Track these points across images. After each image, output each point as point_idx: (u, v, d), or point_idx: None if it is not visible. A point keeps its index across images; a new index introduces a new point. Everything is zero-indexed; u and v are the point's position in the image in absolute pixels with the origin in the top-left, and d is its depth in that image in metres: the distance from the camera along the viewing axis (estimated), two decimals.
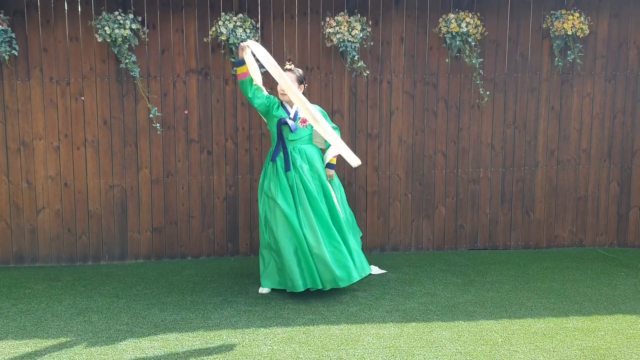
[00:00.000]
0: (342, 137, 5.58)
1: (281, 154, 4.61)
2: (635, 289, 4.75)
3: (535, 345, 3.72)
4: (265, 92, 4.63)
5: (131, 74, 5.24)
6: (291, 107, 4.65)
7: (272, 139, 4.70)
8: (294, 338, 3.84)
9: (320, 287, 4.50)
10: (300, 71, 4.71)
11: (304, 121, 4.61)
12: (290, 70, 4.60)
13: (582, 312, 4.27)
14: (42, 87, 5.32)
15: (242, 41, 5.00)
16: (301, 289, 4.48)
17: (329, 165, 4.80)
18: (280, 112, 4.62)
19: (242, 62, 4.46)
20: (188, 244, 5.64)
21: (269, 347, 3.71)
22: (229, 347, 3.70)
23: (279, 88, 4.57)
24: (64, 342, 3.81)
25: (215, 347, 3.70)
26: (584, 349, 3.68)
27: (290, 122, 4.58)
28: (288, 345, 3.74)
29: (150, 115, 5.37)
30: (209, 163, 5.57)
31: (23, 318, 4.22)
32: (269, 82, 5.14)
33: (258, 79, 4.63)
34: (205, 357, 3.57)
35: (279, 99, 4.68)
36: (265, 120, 4.87)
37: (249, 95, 4.54)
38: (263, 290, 4.70)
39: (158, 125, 5.38)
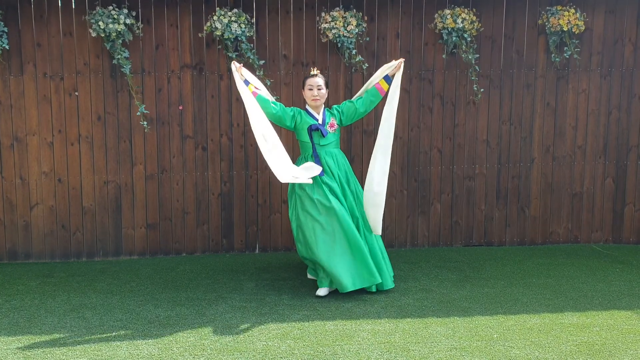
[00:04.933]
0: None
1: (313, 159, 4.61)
2: (630, 285, 4.76)
3: (530, 341, 3.72)
4: (288, 111, 4.60)
5: (122, 70, 5.21)
6: (318, 114, 4.63)
7: (303, 148, 4.67)
8: (288, 334, 3.83)
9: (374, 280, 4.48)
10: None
11: (332, 125, 4.63)
12: (316, 75, 4.59)
13: (577, 308, 4.27)
14: (36, 82, 5.29)
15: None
16: (350, 288, 4.45)
17: (387, 78, 4.64)
18: (309, 119, 4.60)
19: (247, 82, 4.49)
20: (183, 240, 5.62)
21: (263, 343, 3.70)
22: (224, 343, 3.69)
23: (309, 94, 4.57)
24: (58, 338, 3.79)
25: (210, 343, 3.69)
26: (579, 344, 3.67)
27: (321, 127, 4.57)
28: (283, 341, 3.73)
29: (138, 113, 5.33)
30: (204, 159, 5.54)
31: (16, 314, 4.20)
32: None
33: (265, 91, 4.69)
34: (199, 353, 3.56)
35: (304, 107, 4.68)
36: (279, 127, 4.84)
37: (272, 118, 4.53)
38: (321, 292, 4.55)
39: (145, 123, 5.34)
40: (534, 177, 5.85)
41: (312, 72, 4.63)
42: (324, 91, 4.60)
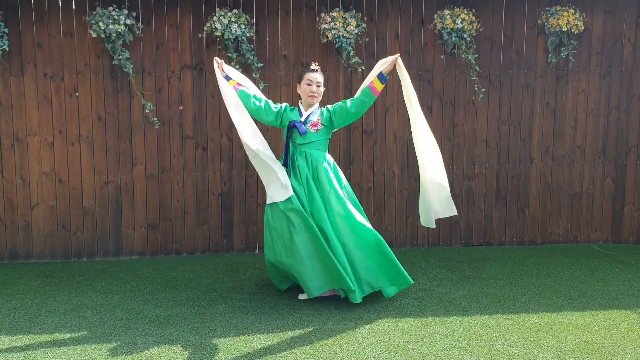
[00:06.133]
0: (338, 134, 5.59)
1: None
2: (629, 285, 4.77)
3: (529, 340, 3.73)
4: (273, 107, 4.45)
5: (124, 70, 5.22)
6: (306, 111, 4.42)
7: (286, 146, 4.49)
8: (288, 333, 3.84)
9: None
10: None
11: (315, 125, 4.36)
12: (316, 71, 4.41)
13: (576, 308, 4.28)
14: (36, 82, 5.30)
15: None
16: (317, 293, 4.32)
17: (381, 77, 4.33)
18: (292, 115, 4.42)
19: (228, 79, 4.42)
20: (183, 241, 5.63)
21: (263, 342, 3.71)
22: (224, 343, 3.70)
23: (306, 89, 4.37)
24: (58, 337, 3.80)
25: (210, 343, 3.70)
26: (578, 344, 3.68)
27: (298, 124, 4.32)
28: (283, 340, 3.74)
29: (147, 110, 5.35)
30: (204, 159, 5.56)
31: (17, 314, 4.21)
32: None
33: (251, 86, 4.58)
34: (199, 353, 3.57)
35: (298, 103, 4.49)
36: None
37: (252, 113, 4.43)
38: (303, 296, 4.47)
39: (155, 119, 5.36)
40: (533, 177, 5.87)
41: (312, 67, 4.43)
42: (322, 89, 4.43)
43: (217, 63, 4.46)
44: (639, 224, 5.97)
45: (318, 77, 4.41)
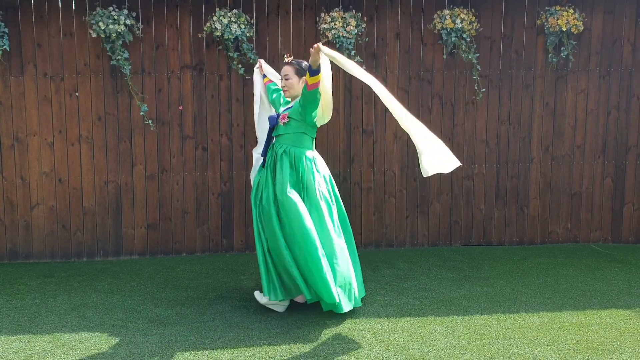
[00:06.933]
0: (337, 133, 5.60)
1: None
2: (628, 284, 4.78)
3: (529, 339, 3.74)
4: (281, 99, 4.52)
5: (122, 70, 5.22)
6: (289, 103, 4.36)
7: None
8: (288, 333, 3.84)
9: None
10: (304, 63, 4.21)
11: (283, 117, 4.16)
12: (287, 63, 4.24)
13: (576, 307, 4.29)
14: (36, 82, 5.30)
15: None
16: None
17: (310, 69, 3.91)
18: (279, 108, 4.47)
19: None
20: (183, 240, 5.64)
21: (263, 341, 3.71)
22: (224, 342, 3.70)
23: (279, 84, 4.44)
24: (59, 337, 3.80)
25: (210, 342, 3.70)
26: (577, 343, 3.69)
27: (270, 116, 4.26)
28: (283, 340, 3.74)
29: (141, 113, 5.35)
30: (204, 159, 5.56)
31: (17, 314, 4.21)
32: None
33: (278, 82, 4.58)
34: (199, 353, 3.57)
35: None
36: None
37: (271, 105, 4.70)
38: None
39: (150, 121, 5.37)
40: (533, 177, 5.87)
41: (284, 60, 4.25)
42: (292, 81, 4.17)
43: (259, 63, 4.75)
44: (638, 224, 5.98)
45: (286, 69, 4.19)
